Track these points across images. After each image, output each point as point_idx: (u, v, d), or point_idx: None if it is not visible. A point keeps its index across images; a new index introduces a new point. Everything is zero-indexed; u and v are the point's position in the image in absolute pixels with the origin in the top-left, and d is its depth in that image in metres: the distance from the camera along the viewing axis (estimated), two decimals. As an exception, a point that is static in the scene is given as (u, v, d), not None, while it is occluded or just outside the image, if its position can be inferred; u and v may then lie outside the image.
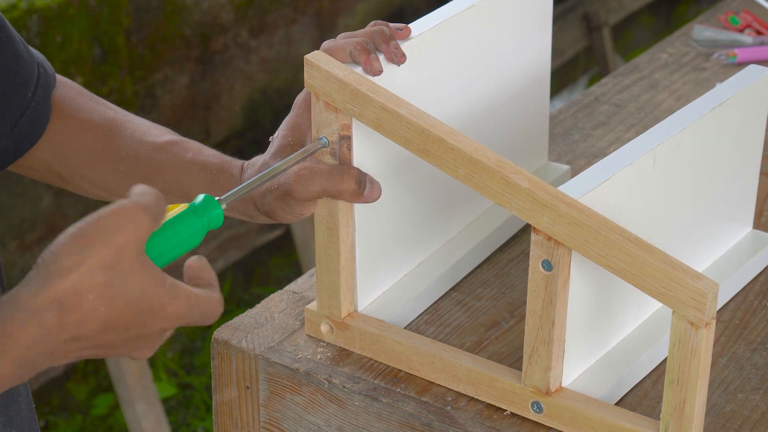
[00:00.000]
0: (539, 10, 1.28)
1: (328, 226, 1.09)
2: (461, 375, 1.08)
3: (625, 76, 1.66)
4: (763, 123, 1.20)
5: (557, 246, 0.98)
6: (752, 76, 1.16)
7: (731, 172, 1.19)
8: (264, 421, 1.16)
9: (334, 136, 1.05)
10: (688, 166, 1.11)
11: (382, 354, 1.12)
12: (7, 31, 1.10)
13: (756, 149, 1.21)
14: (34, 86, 1.13)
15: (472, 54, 1.19)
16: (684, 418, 0.98)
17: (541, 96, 1.32)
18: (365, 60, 1.06)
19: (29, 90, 1.13)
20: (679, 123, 1.08)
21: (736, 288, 1.21)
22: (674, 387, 0.97)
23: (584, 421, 1.03)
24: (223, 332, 1.17)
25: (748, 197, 1.24)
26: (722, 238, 1.22)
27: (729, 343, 1.15)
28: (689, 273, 0.94)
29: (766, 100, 1.19)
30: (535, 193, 0.97)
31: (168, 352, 2.87)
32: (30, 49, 1.14)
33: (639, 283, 0.95)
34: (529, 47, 1.28)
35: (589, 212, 0.97)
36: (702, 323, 0.94)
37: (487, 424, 1.06)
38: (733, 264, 1.21)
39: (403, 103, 1.03)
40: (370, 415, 1.09)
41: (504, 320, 1.18)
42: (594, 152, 1.46)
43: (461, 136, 1.01)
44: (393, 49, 1.08)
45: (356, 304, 1.14)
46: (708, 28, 1.76)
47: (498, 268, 1.25)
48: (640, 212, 1.06)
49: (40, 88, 1.14)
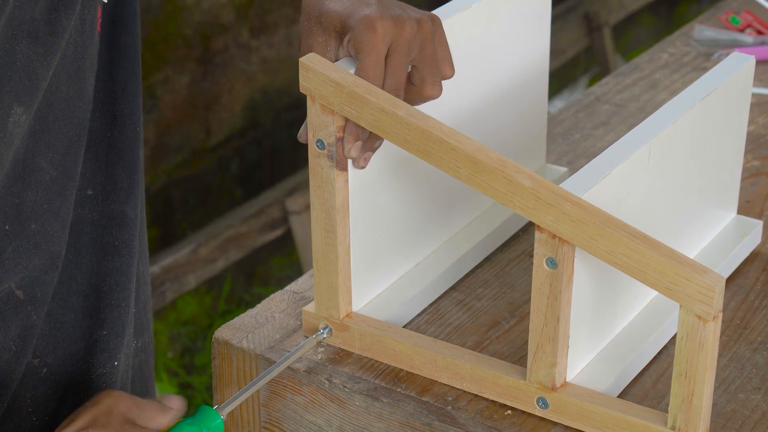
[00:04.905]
0: (538, 11, 1.28)
1: (326, 228, 1.09)
2: (464, 373, 1.08)
3: (625, 76, 1.66)
4: (746, 107, 1.21)
5: (561, 243, 0.98)
6: (736, 63, 1.18)
7: (718, 159, 1.20)
8: (264, 421, 1.16)
9: (331, 138, 1.05)
10: (680, 157, 1.12)
11: (382, 354, 1.12)
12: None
13: (740, 133, 1.23)
14: None
15: (469, 55, 1.19)
16: (692, 411, 0.98)
17: (538, 98, 1.32)
18: (350, 147, 1.05)
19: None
20: (671, 115, 1.09)
21: (726, 273, 1.22)
22: (682, 380, 0.98)
23: (591, 416, 1.03)
24: (223, 332, 1.17)
25: (732, 183, 1.25)
26: (709, 224, 1.23)
27: (730, 342, 1.15)
28: (695, 267, 0.94)
29: (749, 87, 1.21)
30: (538, 192, 0.98)
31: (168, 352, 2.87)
32: None
33: (645, 279, 0.96)
34: (528, 49, 1.28)
35: (593, 209, 0.97)
36: (710, 316, 0.94)
37: (488, 424, 1.06)
38: (722, 250, 1.23)
39: (401, 104, 1.03)
40: (371, 415, 1.09)
41: (505, 320, 1.18)
42: (595, 152, 1.46)
43: (462, 136, 1.01)
44: (364, 157, 1.06)
45: (355, 304, 1.14)
46: (709, 27, 1.76)
47: (498, 268, 1.25)
48: (636, 205, 1.07)
49: None
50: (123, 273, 1.15)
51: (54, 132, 1.05)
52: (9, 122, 0.99)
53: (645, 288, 1.13)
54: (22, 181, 1.04)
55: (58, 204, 1.07)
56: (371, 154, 1.06)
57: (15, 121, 1.00)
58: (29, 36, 0.99)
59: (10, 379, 1.08)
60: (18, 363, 1.08)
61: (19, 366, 1.09)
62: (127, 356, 1.19)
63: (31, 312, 1.08)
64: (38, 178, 1.05)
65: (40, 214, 1.06)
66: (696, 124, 1.12)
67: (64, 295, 1.12)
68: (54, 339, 1.12)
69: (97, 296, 1.14)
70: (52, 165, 1.06)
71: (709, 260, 1.21)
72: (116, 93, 1.14)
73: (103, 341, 1.15)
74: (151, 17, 2.71)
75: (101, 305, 1.14)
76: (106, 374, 1.15)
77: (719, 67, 1.17)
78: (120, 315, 1.15)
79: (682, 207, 1.16)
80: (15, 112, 1.00)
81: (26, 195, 1.04)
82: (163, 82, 2.78)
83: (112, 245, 1.14)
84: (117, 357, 1.16)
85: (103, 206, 1.14)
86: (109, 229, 1.14)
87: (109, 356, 1.15)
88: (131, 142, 1.15)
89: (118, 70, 1.14)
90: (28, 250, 1.06)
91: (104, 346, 1.15)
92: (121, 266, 1.15)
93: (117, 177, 1.15)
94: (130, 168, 1.15)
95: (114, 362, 1.15)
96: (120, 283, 1.15)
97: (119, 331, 1.16)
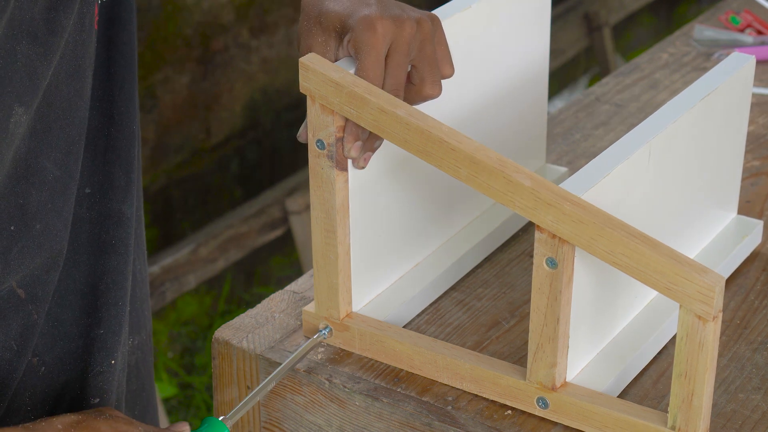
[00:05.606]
0: (537, 11, 1.28)
1: (326, 228, 1.09)
2: (464, 373, 1.08)
3: (625, 76, 1.66)
4: (747, 108, 1.21)
5: (561, 243, 0.98)
6: (737, 63, 1.18)
7: (718, 159, 1.20)
8: (264, 421, 1.16)
9: (331, 138, 1.05)
10: (680, 157, 1.12)
11: (382, 354, 1.12)
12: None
13: (740, 133, 1.23)
14: None
15: (469, 55, 1.19)
16: (692, 411, 0.99)
17: (538, 98, 1.32)
18: (350, 147, 1.05)
19: None
20: (671, 115, 1.09)
21: (726, 273, 1.22)
22: (682, 380, 0.98)
23: (591, 415, 1.03)
24: (223, 332, 1.17)
25: (733, 183, 1.25)
26: (710, 224, 1.23)
27: (730, 343, 1.15)
28: (695, 267, 0.94)
29: (750, 87, 1.21)
30: (538, 192, 0.98)
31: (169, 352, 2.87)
32: None
33: (645, 279, 0.96)
34: (528, 49, 1.28)
35: (593, 209, 0.97)
36: (710, 317, 0.95)
37: (488, 424, 1.06)
38: (722, 250, 1.23)
39: (401, 104, 1.03)
40: (371, 415, 1.09)
41: (505, 320, 1.18)
42: (595, 152, 1.46)
43: (461, 136, 1.01)
44: (364, 157, 1.07)
45: (355, 304, 1.14)
46: (709, 27, 1.76)
47: (498, 268, 1.25)
48: (636, 205, 1.07)
49: None
50: (120, 272, 1.15)
51: (56, 131, 1.05)
52: (10, 123, 0.99)
53: (645, 288, 1.13)
54: (26, 182, 1.04)
55: (60, 203, 1.07)
56: (371, 154, 1.06)
57: (16, 121, 1.00)
58: (29, 36, 0.99)
59: (11, 378, 1.08)
60: (19, 362, 1.08)
61: (20, 365, 1.09)
62: (123, 354, 1.19)
63: (32, 311, 1.08)
64: (42, 178, 1.05)
65: (44, 214, 1.06)
66: (696, 124, 1.12)
67: (63, 293, 1.12)
68: (52, 338, 1.12)
69: (94, 295, 1.14)
70: (56, 164, 1.06)
71: (710, 260, 1.21)
72: (113, 91, 1.14)
73: (100, 340, 1.15)
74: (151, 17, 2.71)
75: (98, 304, 1.14)
76: (104, 373, 1.15)
77: (719, 67, 1.17)
78: (117, 313, 1.16)
79: (682, 207, 1.16)
80: (16, 112, 1.00)
81: (30, 195, 1.04)
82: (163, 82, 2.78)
83: (110, 244, 1.14)
84: (114, 356, 1.16)
85: (101, 205, 1.14)
86: (106, 228, 1.14)
87: (106, 355, 1.15)
88: (128, 140, 1.15)
89: (116, 68, 1.14)
90: (32, 250, 1.06)
91: (101, 345, 1.15)
92: (118, 265, 1.15)
93: (114, 175, 1.15)
94: (127, 166, 1.15)
95: (111, 361, 1.16)
96: (117, 281, 1.15)
97: (116, 329, 1.16)
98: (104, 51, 1.13)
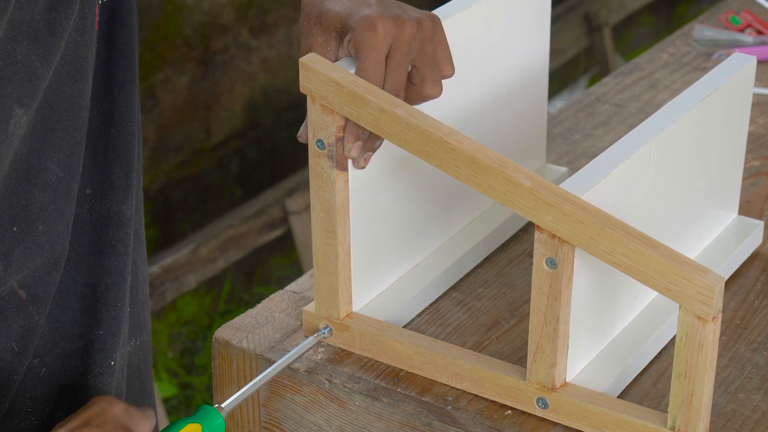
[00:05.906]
0: (537, 12, 1.28)
1: (326, 228, 1.09)
2: (464, 373, 1.08)
3: (625, 76, 1.66)
4: (747, 108, 1.21)
5: (561, 244, 0.98)
6: (738, 64, 1.18)
7: (719, 159, 1.20)
8: (264, 421, 1.16)
9: (331, 138, 1.05)
10: (681, 157, 1.12)
11: (382, 354, 1.12)
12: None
13: (741, 134, 1.23)
14: None
15: (469, 55, 1.19)
16: (692, 411, 0.99)
17: (538, 98, 1.32)
18: (350, 147, 1.05)
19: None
20: (672, 115, 1.09)
21: (726, 274, 1.22)
22: (682, 380, 0.98)
23: (591, 416, 1.03)
24: (223, 332, 1.17)
25: (734, 183, 1.25)
26: (711, 225, 1.23)
27: (730, 343, 1.15)
28: (695, 267, 0.94)
29: (750, 87, 1.21)
30: (538, 192, 0.98)
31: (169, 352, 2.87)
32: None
33: (645, 279, 0.96)
34: (528, 49, 1.28)
35: (592, 209, 0.97)
36: (709, 317, 0.95)
37: (488, 424, 1.06)
38: (724, 250, 1.23)
39: (401, 104, 1.03)
40: (371, 415, 1.09)
41: (505, 320, 1.18)
42: (595, 152, 1.46)
43: (461, 136, 1.01)
44: (364, 157, 1.07)
45: (355, 304, 1.14)
46: (709, 27, 1.76)
47: (498, 268, 1.25)
48: (637, 205, 1.07)
49: None
50: (120, 272, 1.15)
51: (59, 132, 1.05)
52: (10, 124, 0.99)
53: (645, 288, 1.13)
54: (29, 183, 1.04)
55: (63, 204, 1.07)
56: (371, 154, 1.06)
57: (16, 122, 1.00)
58: (29, 37, 0.99)
59: (12, 379, 1.08)
60: (20, 363, 1.08)
61: (21, 366, 1.09)
62: (122, 355, 1.19)
63: (33, 312, 1.08)
64: (45, 179, 1.05)
65: (47, 215, 1.06)
66: (697, 124, 1.12)
67: (63, 294, 1.12)
68: (52, 338, 1.12)
69: (94, 296, 1.14)
70: (59, 165, 1.06)
71: (710, 261, 1.21)
72: (114, 91, 1.14)
73: (100, 341, 1.15)
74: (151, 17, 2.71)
75: (98, 305, 1.14)
76: (103, 374, 1.15)
77: (720, 67, 1.17)
78: (116, 314, 1.16)
79: (682, 207, 1.16)
80: (16, 113, 1.00)
81: (33, 196, 1.04)
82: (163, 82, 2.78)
83: (110, 244, 1.14)
84: (113, 357, 1.16)
85: (101, 205, 1.14)
86: (106, 228, 1.14)
87: (105, 356, 1.15)
88: (128, 140, 1.15)
89: (116, 68, 1.14)
90: (34, 251, 1.06)
91: (101, 346, 1.15)
92: (117, 265, 1.15)
93: (114, 176, 1.15)
94: (127, 166, 1.15)
95: (110, 362, 1.16)
96: (117, 282, 1.15)
97: (116, 330, 1.16)
98: (105, 51, 1.13)
